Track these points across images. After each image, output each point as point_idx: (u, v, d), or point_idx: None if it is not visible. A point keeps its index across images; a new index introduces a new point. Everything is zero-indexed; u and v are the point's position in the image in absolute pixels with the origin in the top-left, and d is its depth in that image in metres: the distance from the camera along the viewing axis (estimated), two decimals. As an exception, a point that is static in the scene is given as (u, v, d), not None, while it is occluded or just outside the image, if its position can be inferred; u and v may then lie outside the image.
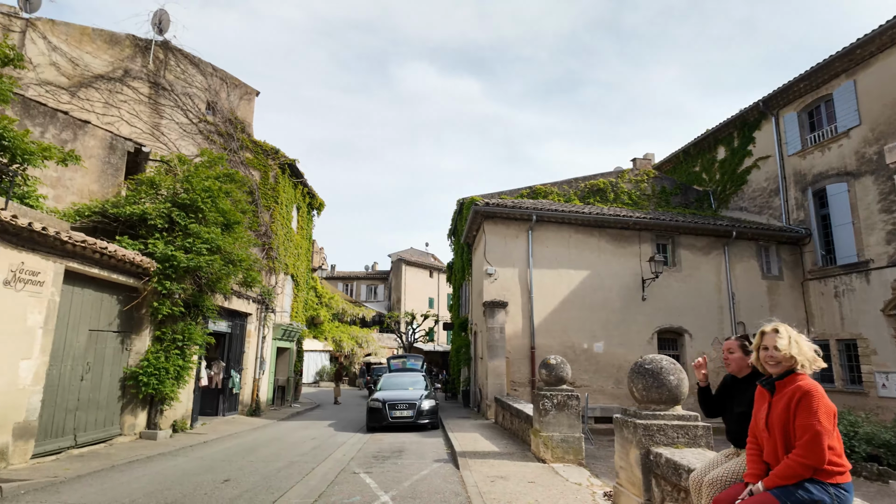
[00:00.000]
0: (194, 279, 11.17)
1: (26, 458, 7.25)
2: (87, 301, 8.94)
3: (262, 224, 17.88)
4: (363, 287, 53.25)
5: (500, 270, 16.51)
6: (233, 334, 15.66)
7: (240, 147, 18.16)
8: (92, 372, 9.06)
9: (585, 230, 17.29)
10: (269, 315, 17.86)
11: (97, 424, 9.21)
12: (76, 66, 16.13)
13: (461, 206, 21.82)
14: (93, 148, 11.26)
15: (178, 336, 10.72)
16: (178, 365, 10.58)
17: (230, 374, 15.27)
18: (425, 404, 13.16)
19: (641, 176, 22.38)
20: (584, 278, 16.97)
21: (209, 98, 18.09)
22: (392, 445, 10.58)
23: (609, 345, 16.75)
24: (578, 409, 8.27)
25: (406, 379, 15.76)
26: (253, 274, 13.00)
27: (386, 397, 13.27)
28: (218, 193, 11.24)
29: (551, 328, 16.43)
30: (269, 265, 18.03)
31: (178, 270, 10.24)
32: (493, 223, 16.80)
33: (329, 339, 35.47)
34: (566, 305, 16.68)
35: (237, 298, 15.14)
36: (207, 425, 13.18)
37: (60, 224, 7.76)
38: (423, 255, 52.03)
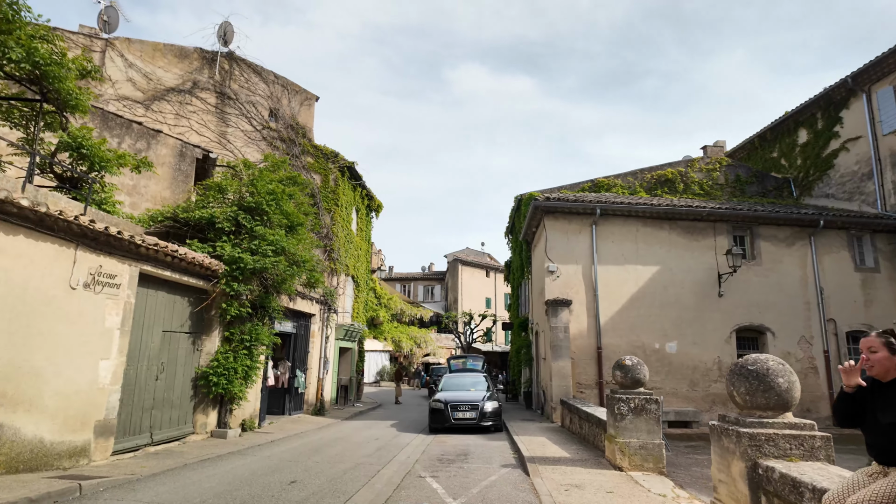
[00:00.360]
0: (260, 281, 11.37)
1: (107, 454, 7.52)
2: (161, 303, 9.23)
3: (323, 226, 18.14)
4: (420, 288, 53.58)
5: (563, 267, 15.90)
6: (297, 334, 15.94)
7: (301, 152, 18.53)
8: (166, 372, 9.34)
9: (654, 223, 16.36)
10: (332, 315, 18.09)
11: (171, 423, 9.50)
12: (150, 80, 16.97)
13: (519, 203, 21.31)
14: (164, 156, 11.73)
15: (246, 336, 10.93)
16: (245, 365, 10.78)
17: (295, 374, 15.54)
18: (488, 406, 12.82)
19: (713, 164, 21.03)
20: (653, 274, 16.05)
21: (271, 105, 18.58)
22: (456, 448, 10.31)
23: (682, 344, 15.75)
24: (658, 414, 7.66)
25: (467, 380, 15.49)
26: (316, 275, 13.12)
27: (448, 398, 13.04)
28: (281, 196, 11.39)
29: (619, 327, 15.65)
30: (330, 266, 18.28)
31: (244, 272, 10.43)
32: (553, 218, 16.21)
33: (388, 339, 35.83)
34: (635, 303, 15.84)
35: (301, 299, 15.40)
36: (274, 424, 13.42)
37: (135, 228, 8.02)
38: (479, 255, 51.69)
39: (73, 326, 6.94)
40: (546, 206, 15.99)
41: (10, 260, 6.07)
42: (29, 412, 6.26)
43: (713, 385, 15.63)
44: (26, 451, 6.20)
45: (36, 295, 6.38)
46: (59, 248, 6.70)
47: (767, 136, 22.82)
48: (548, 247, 16.03)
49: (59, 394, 6.69)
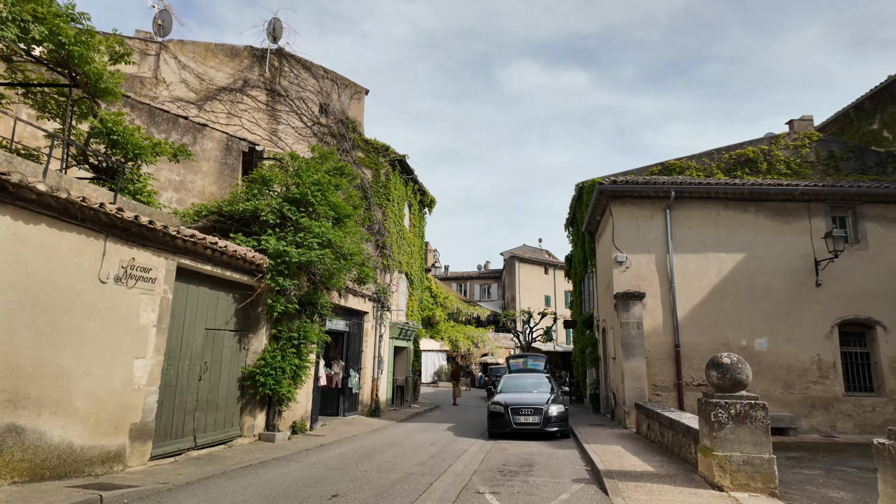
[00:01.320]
0: (308, 276, 10.81)
1: (144, 459, 7.06)
2: (203, 299, 8.78)
3: (374, 222, 17.56)
4: (476, 287, 52.60)
5: (633, 258, 14.46)
6: (350, 333, 15.40)
7: (352, 146, 18.05)
8: (210, 372, 8.89)
9: (738, 205, 14.59)
10: (385, 313, 17.48)
11: (216, 425, 9.04)
12: (202, 80, 17.01)
13: (580, 191, 19.90)
14: (210, 150, 11.44)
15: (294, 335, 10.38)
16: (294, 364, 10.22)
17: (349, 374, 15.00)
18: (553, 410, 11.66)
19: (801, 140, 18.74)
20: (738, 263, 14.30)
21: (321, 100, 18.22)
22: (519, 457, 9.26)
23: (774, 341, 13.92)
24: (766, 422, 6.31)
25: (528, 380, 14.35)
26: (366, 270, 12.45)
27: (508, 401, 11.99)
28: (327, 187, 10.78)
29: (699, 322, 14.03)
30: (383, 263, 17.67)
31: (290, 266, 9.87)
32: (621, 204, 14.79)
33: (445, 338, 35.09)
34: (717, 295, 14.16)
35: (353, 297, 14.83)
36: (327, 426, 12.88)
37: (170, 219, 7.56)
38: (536, 252, 50.07)
39: (104, 323, 6.49)
40: (613, 191, 14.60)
41: (32, 251, 5.64)
42: (56, 415, 5.82)
43: (812, 387, 13.70)
44: (53, 457, 5.76)
45: (62, 288, 5.95)
46: (86, 239, 6.25)
47: (865, 105, 20.17)
48: (615, 235, 14.63)
49: (89, 395, 6.24)
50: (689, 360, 13.87)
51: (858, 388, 13.84)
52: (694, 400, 13.75)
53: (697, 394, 13.97)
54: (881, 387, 13.66)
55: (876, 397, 13.62)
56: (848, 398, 13.59)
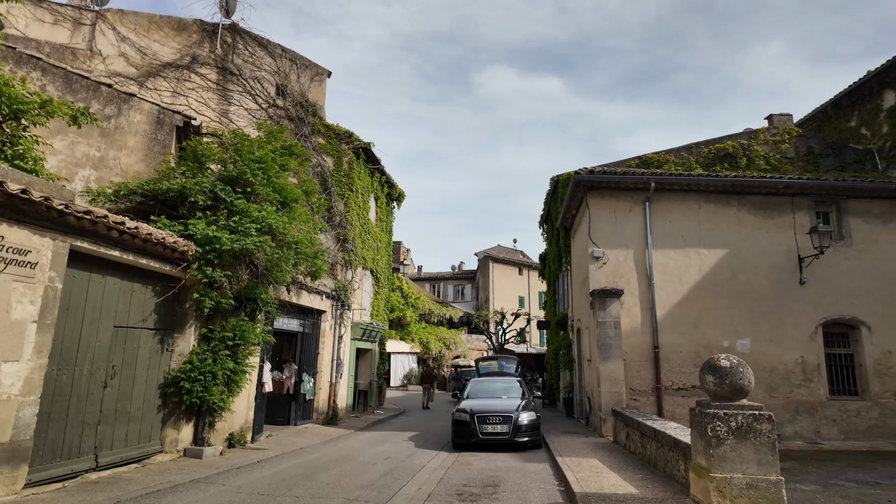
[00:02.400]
0: (248, 267, 9.48)
1: (15, 488, 5.66)
2: (111, 291, 7.39)
3: (335, 213, 16.26)
4: (450, 288, 51.53)
5: (610, 253, 13.51)
6: (304, 334, 14.05)
7: (311, 132, 16.70)
8: (120, 377, 7.50)
9: (719, 199, 13.80)
10: (346, 313, 16.16)
11: (128, 440, 7.65)
12: (144, 55, 15.45)
13: (556, 185, 18.96)
14: (138, 123, 10.01)
15: (229, 334, 9.03)
16: (228, 368, 8.88)
17: (302, 379, 13.65)
18: (523, 417, 10.56)
19: (780, 135, 18.21)
20: (719, 259, 13.49)
21: (279, 81, 16.83)
22: (483, 473, 8.11)
23: (757, 342, 13.13)
24: (773, 437, 5.30)
25: (498, 385, 13.24)
26: (319, 263, 11.16)
27: (475, 408, 10.84)
28: (271, 166, 9.48)
29: (679, 322, 13.15)
30: (344, 258, 16.37)
31: (222, 255, 8.53)
32: (598, 196, 13.84)
33: (416, 340, 33.83)
34: (698, 293, 13.31)
35: (307, 293, 13.50)
36: (273, 437, 11.52)
37: (61, 192, 6.18)
38: (511, 252, 49.25)
39: (-45, 317, 5.10)
40: (590, 181, 13.63)
41: None
42: None
43: (796, 390, 12.96)
44: None
45: None
46: (-74, 209, 4.87)
47: (843, 102, 19.74)
48: (592, 229, 13.66)
49: (-73, 409, 4.85)
50: (668, 362, 12.98)
51: (843, 392, 13.15)
52: (674, 405, 12.86)
53: (677, 398, 13.11)
54: (865, 390, 13.00)
55: (860, 401, 12.94)
56: (833, 402, 12.88)
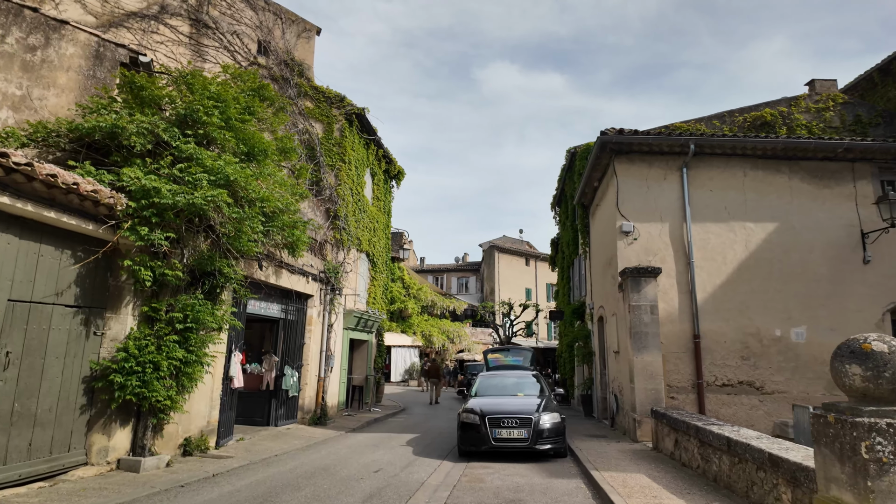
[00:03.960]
0: (206, 233, 7.62)
1: None
2: (7, 254, 5.53)
3: (325, 187, 14.37)
4: (454, 280, 49.67)
5: (641, 227, 11.61)
6: (287, 320, 12.20)
7: (298, 94, 14.80)
8: (19, 367, 5.65)
9: (768, 165, 11.87)
10: (338, 298, 14.30)
11: (34, 451, 5.81)
12: (105, 1, 13.56)
13: (572, 158, 17.03)
14: (72, 57, 8.15)
15: (178, 315, 7.17)
16: (177, 358, 7.02)
17: (284, 372, 11.81)
18: (545, 420, 8.66)
19: (824, 102, 16.19)
20: (768, 234, 11.58)
21: (261, 37, 14.93)
22: (500, 496, 6.24)
23: (814, 330, 11.23)
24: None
25: (510, 380, 11.33)
26: (297, 234, 9.30)
27: (486, 408, 8.95)
28: (231, 105, 7.60)
29: (723, 307, 11.26)
30: (335, 237, 14.51)
31: (163, 212, 6.67)
32: (628, 162, 11.92)
33: (418, 333, 31.99)
34: (744, 274, 11.41)
35: (289, 273, 11.63)
36: (245, 442, 9.69)
37: None
38: (517, 243, 47.31)
39: None
40: (618, 144, 11.69)
41: None
42: None
43: (860, 389, 11.01)
44: None
45: None
46: None
47: (892, 67, 17.72)
48: (620, 200, 11.75)
49: None
50: (710, 353, 11.09)
51: (915, 389, 11.23)
52: (718, 404, 10.97)
53: (721, 396, 11.21)
54: (942, 387, 11.06)
55: (936, 400, 11.01)
56: (905, 401, 10.95)
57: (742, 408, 10.96)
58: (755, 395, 11.01)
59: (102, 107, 6.95)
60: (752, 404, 10.98)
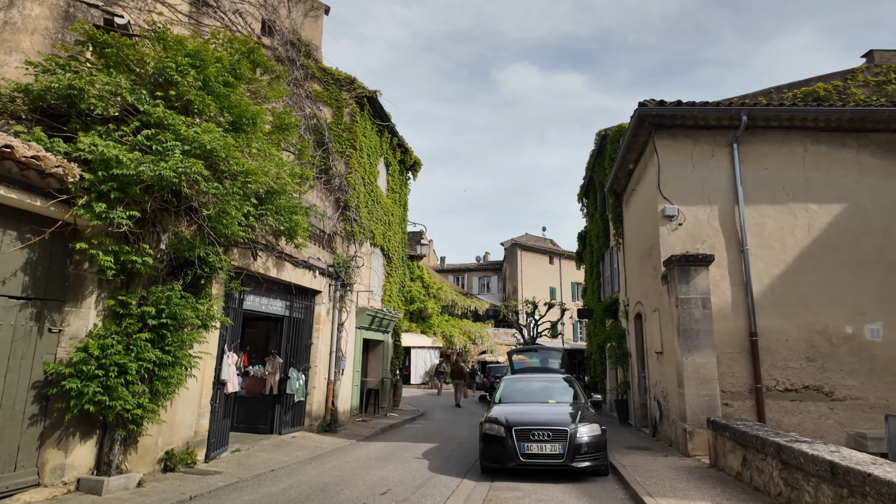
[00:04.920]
0: (188, 215, 6.59)
1: None
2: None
3: (335, 175, 13.32)
4: (475, 279, 48.41)
5: (687, 210, 10.24)
6: (292, 318, 11.15)
7: (305, 76, 13.80)
8: (-57, 370, 4.64)
9: (832, 138, 10.40)
10: (349, 295, 13.22)
11: (-39, 472, 4.80)
12: (100, -17, 12.74)
13: (602, 142, 15.66)
14: (37, 19, 7.24)
15: (150, 310, 6.13)
16: (151, 360, 5.98)
17: (289, 375, 10.76)
18: (583, 432, 7.37)
19: (885, 75, 14.50)
20: (835, 217, 10.11)
21: (265, 16, 13.96)
22: (535, 527, 5.01)
23: (893, 327, 9.71)
24: None
25: (539, 385, 9.96)
26: (296, 218, 8.22)
27: (512, 417, 7.69)
28: (210, 64, 6.54)
29: (783, 301, 9.82)
30: (346, 229, 13.44)
31: (126, 186, 5.63)
32: (670, 138, 10.56)
33: (438, 334, 30.84)
34: (807, 262, 9.96)
35: (293, 267, 10.58)
36: (242, 453, 8.64)
37: None
38: (540, 241, 45.83)
39: None
40: (659, 116, 10.34)
41: None
42: None
43: (951, 395, 9.49)
44: None
45: None
46: None
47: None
48: (662, 181, 10.40)
49: None
50: (770, 354, 9.66)
51: None
52: (780, 412, 9.52)
53: (784, 403, 9.74)
54: None
55: None
56: None
57: (808, 416, 9.49)
58: (824, 401, 9.53)
59: (59, 66, 5.95)
60: (820, 412, 9.50)
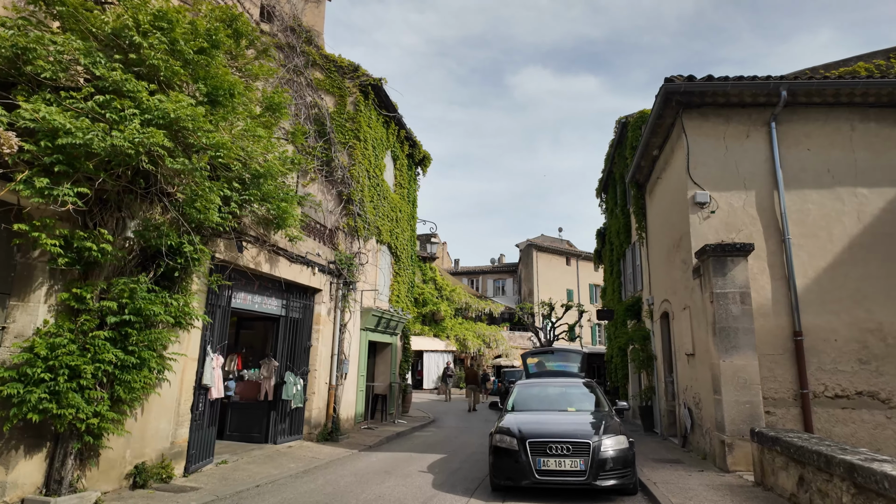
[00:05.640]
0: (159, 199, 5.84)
1: None
2: None
3: (337, 167, 12.57)
4: (489, 282, 47.45)
5: (719, 197, 9.25)
6: (290, 318, 10.38)
7: (306, 64, 13.10)
8: None
9: (883, 115, 9.34)
10: (353, 294, 12.43)
11: None
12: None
13: (622, 131, 14.68)
14: (-2, -14, 6.59)
15: (110, 304, 5.38)
16: (106, 361, 5.22)
17: (284, 380, 9.97)
18: (608, 445, 6.41)
19: (934, 52, 13.31)
20: (889, 202, 9.04)
21: (264, 1, 13.31)
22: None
23: (958, 327, 8.58)
24: None
25: (554, 390, 8.90)
26: (284, 206, 7.44)
27: (526, 428, 6.77)
28: (180, 24, 5.78)
29: (830, 297, 8.76)
30: (349, 224, 12.66)
31: (75, 159, 4.88)
32: (700, 118, 9.59)
33: (451, 337, 29.93)
34: (857, 253, 8.89)
35: (289, 262, 9.81)
36: (228, 465, 7.85)
37: None
38: (556, 241, 44.70)
39: None
40: (687, 94, 9.37)
41: None
42: None
43: None
44: None
45: None
46: None
47: None
48: (692, 164, 9.42)
49: None
50: (816, 356, 8.60)
51: None
52: (829, 421, 8.43)
53: (834, 410, 8.61)
54: None
55: None
56: None
57: (863, 426, 8.40)
58: (880, 409, 8.44)
59: (5, 26, 5.24)
60: (876, 422, 8.40)
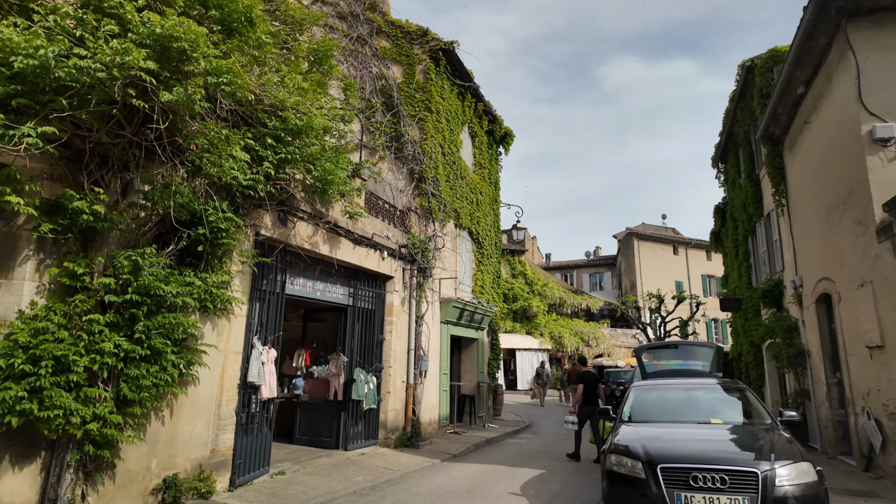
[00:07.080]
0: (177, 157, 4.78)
1: None
2: None
3: (407, 142, 11.29)
4: (585, 277, 44.33)
5: (913, 129, 6.64)
6: (357, 308, 9.18)
7: (370, 32, 11.99)
8: None
9: None
10: (428, 282, 11.06)
11: None
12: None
13: (747, 75, 11.97)
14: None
15: (107, 280, 4.35)
16: (106, 352, 4.17)
17: (354, 378, 8.77)
18: (784, 477, 4.31)
19: None
20: None
21: (324, -29, 12.40)
22: None
23: None
24: None
25: (685, 394, 6.66)
26: (328, 166, 6.16)
27: (654, 446, 4.84)
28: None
29: None
30: (422, 204, 11.33)
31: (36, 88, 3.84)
32: (872, 27, 7.06)
33: (545, 335, 27.79)
34: None
35: (353, 244, 8.60)
36: (286, 476, 6.72)
37: None
38: (660, 229, 40.71)
39: None
40: (857, -10, 6.87)
41: None
42: None
43: None
44: None
45: None
46: None
47: None
48: (864, 90, 6.91)
49: None
50: None
51: None
52: None
53: None
54: None
55: None
56: None
57: None
58: None
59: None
60: None
